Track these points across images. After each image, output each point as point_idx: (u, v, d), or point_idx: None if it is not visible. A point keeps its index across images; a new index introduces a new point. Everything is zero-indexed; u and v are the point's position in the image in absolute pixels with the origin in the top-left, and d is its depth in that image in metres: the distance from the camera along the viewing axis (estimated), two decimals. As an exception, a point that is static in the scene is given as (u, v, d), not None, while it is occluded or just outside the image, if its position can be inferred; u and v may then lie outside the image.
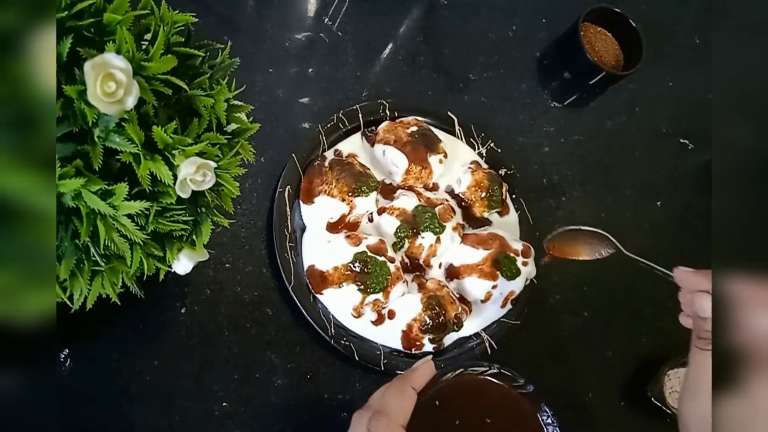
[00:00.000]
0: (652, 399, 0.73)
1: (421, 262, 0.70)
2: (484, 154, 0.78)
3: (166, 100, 0.41)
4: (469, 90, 0.84)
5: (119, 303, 0.45)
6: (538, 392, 0.48)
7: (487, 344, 0.69)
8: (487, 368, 0.48)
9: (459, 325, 0.66)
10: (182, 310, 0.63)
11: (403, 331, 0.65)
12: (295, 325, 0.65)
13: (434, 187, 0.74)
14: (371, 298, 0.64)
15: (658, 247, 0.86)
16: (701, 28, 1.02)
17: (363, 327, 0.66)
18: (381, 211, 0.69)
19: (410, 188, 0.72)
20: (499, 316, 0.71)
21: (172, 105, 0.42)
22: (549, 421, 0.48)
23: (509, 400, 0.47)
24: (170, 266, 0.47)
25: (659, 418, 0.73)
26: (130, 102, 0.36)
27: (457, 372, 0.47)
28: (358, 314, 0.65)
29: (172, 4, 0.42)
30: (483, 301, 0.70)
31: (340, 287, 0.64)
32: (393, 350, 0.66)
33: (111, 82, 0.34)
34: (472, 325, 0.70)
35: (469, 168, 0.75)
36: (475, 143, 0.78)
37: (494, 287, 0.69)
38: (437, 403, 0.45)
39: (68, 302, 0.43)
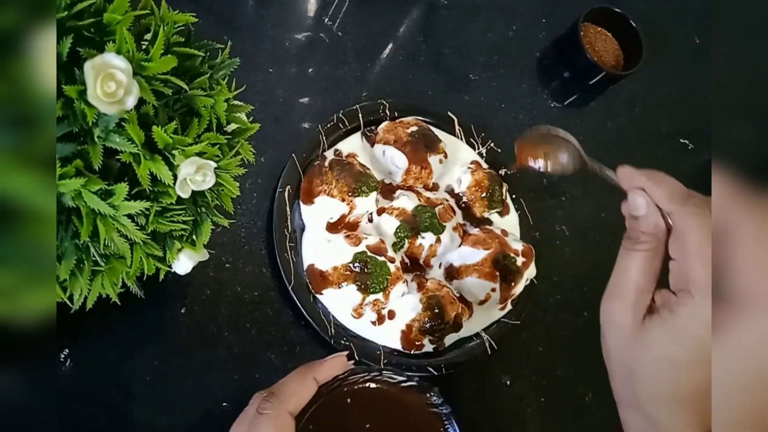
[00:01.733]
0: (652, 399, 0.73)
1: (421, 262, 0.70)
2: (484, 154, 0.78)
3: (166, 100, 0.41)
4: (469, 90, 0.84)
5: (119, 303, 0.45)
6: (451, 414, 0.47)
7: (487, 344, 0.69)
8: (405, 379, 0.47)
9: (458, 326, 0.66)
10: (182, 310, 0.63)
11: (402, 332, 0.65)
12: (295, 325, 0.65)
13: (434, 187, 0.74)
14: (371, 298, 0.64)
15: (658, 247, 0.86)
16: (701, 28, 1.02)
17: (363, 327, 0.66)
18: (381, 211, 0.69)
19: (410, 188, 0.72)
20: (499, 316, 0.72)
21: (172, 105, 0.42)
22: None
23: (418, 415, 0.46)
24: (170, 266, 0.47)
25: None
26: (130, 102, 0.36)
27: (371, 375, 0.46)
28: (359, 315, 0.65)
29: (172, 4, 0.42)
30: (482, 302, 0.70)
31: (339, 287, 0.64)
32: (393, 350, 0.66)
33: (111, 82, 0.34)
34: (472, 326, 0.70)
35: (469, 168, 0.75)
36: (475, 143, 0.78)
37: (493, 289, 0.69)
38: (342, 403, 0.44)
39: (68, 302, 0.43)
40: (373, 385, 0.46)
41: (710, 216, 0.34)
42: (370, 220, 0.69)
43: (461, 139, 0.78)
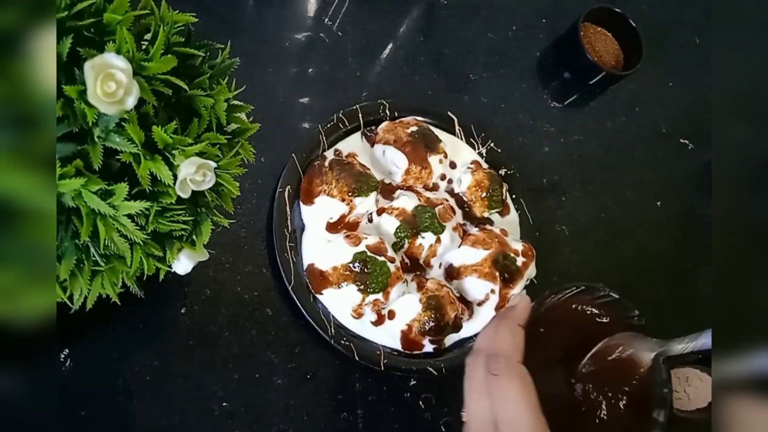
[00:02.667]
0: (652, 399, 0.73)
1: (421, 262, 0.70)
2: (484, 154, 0.78)
3: (166, 100, 0.41)
4: (469, 90, 0.84)
5: (119, 303, 0.45)
6: (621, 300, 0.47)
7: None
8: (573, 289, 0.46)
9: (458, 327, 0.66)
10: (182, 310, 0.63)
11: (402, 332, 0.65)
12: (295, 325, 0.65)
13: (434, 187, 0.74)
14: (371, 298, 0.64)
15: (658, 247, 0.86)
16: (701, 28, 1.02)
17: (363, 327, 0.66)
18: (381, 211, 0.69)
19: (410, 188, 0.72)
20: (499, 316, 0.72)
21: (172, 105, 0.42)
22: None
23: (596, 316, 0.46)
24: (170, 266, 0.47)
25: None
26: (130, 102, 0.36)
27: (549, 300, 0.46)
28: (359, 315, 0.65)
29: (172, 4, 0.42)
30: (480, 303, 0.70)
31: (339, 287, 0.64)
32: (393, 350, 0.66)
33: (111, 82, 0.34)
34: (472, 326, 0.70)
35: (469, 168, 0.75)
36: (475, 143, 0.78)
37: (493, 291, 0.69)
38: (541, 330, 0.44)
39: (68, 302, 0.43)
40: (560, 306, 0.46)
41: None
42: (370, 220, 0.69)
43: (461, 139, 0.78)
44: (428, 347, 0.66)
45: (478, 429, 0.41)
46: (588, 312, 0.47)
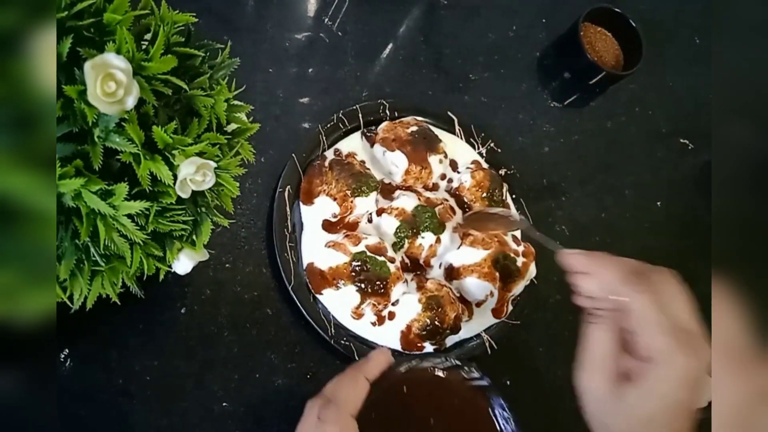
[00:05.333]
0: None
1: (421, 262, 0.70)
2: (484, 154, 0.78)
3: (166, 100, 0.41)
4: (469, 90, 0.84)
5: (119, 303, 0.45)
6: (492, 386, 0.48)
7: (487, 344, 0.69)
8: (443, 361, 0.47)
9: (456, 329, 0.66)
10: (182, 310, 0.63)
11: (402, 332, 0.65)
12: (295, 325, 0.65)
13: (434, 187, 0.74)
14: (371, 298, 0.64)
15: (658, 247, 0.86)
16: (701, 28, 1.02)
17: (363, 327, 0.66)
18: (380, 211, 0.69)
19: (410, 188, 0.72)
20: (500, 317, 0.71)
21: (172, 105, 0.42)
22: (504, 414, 0.47)
23: (462, 394, 0.47)
24: (170, 266, 0.47)
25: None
26: (130, 102, 0.36)
27: (412, 364, 0.46)
28: (358, 316, 0.65)
29: (172, 4, 0.42)
30: (479, 304, 0.70)
31: (338, 288, 0.64)
32: (393, 350, 0.66)
33: (111, 82, 0.34)
34: (472, 326, 0.70)
35: (469, 168, 0.75)
36: (475, 143, 0.78)
37: (492, 293, 0.69)
38: (393, 395, 0.45)
39: (68, 302, 0.43)
40: (415, 373, 0.47)
41: (657, 292, 0.41)
42: (370, 221, 0.69)
43: (461, 139, 0.78)
44: (428, 348, 0.66)
45: None
46: (458, 387, 0.47)
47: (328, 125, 0.71)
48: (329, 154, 0.71)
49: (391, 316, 0.66)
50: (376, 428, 0.42)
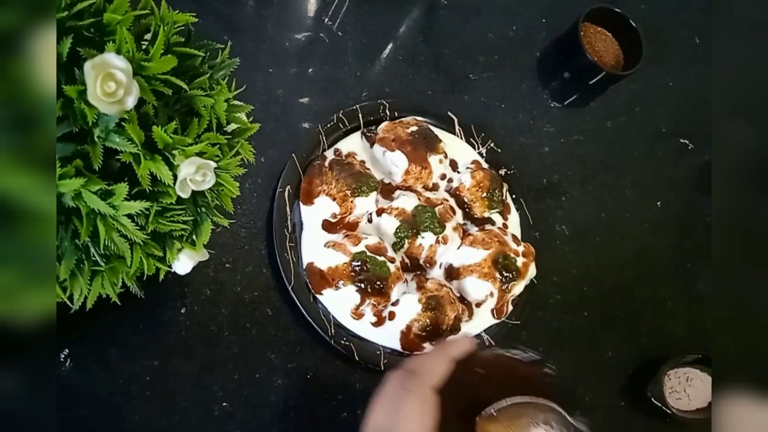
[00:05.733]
0: (652, 399, 0.73)
1: (421, 262, 0.70)
2: (484, 154, 0.78)
3: (166, 100, 0.41)
4: (469, 90, 0.84)
5: (119, 303, 0.45)
6: (564, 388, 0.48)
7: (487, 344, 0.69)
8: (523, 352, 0.47)
9: (456, 329, 0.66)
10: (182, 310, 0.63)
11: (402, 332, 0.65)
12: (295, 325, 0.65)
13: (434, 187, 0.74)
14: (371, 298, 0.64)
15: (658, 247, 0.86)
16: (701, 28, 1.02)
17: (363, 327, 0.66)
18: (380, 211, 0.69)
19: (410, 188, 0.72)
20: (500, 318, 0.71)
21: (172, 105, 0.42)
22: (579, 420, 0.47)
23: (540, 388, 0.47)
24: (170, 266, 0.47)
25: (659, 418, 0.73)
26: (130, 102, 0.36)
27: (495, 351, 0.47)
28: (359, 316, 0.65)
29: (172, 4, 0.42)
30: (479, 304, 0.70)
31: (338, 288, 0.64)
32: (393, 350, 0.66)
33: (111, 82, 0.34)
34: (472, 326, 0.70)
35: (469, 168, 0.75)
36: (475, 143, 0.78)
37: (492, 294, 0.69)
38: (473, 376, 0.45)
39: (68, 302, 0.43)
40: (498, 357, 0.47)
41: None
42: (370, 221, 0.69)
43: (461, 139, 0.78)
44: (428, 348, 0.66)
45: None
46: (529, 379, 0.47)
47: (328, 125, 0.71)
48: (329, 154, 0.71)
49: (391, 316, 0.66)
50: (454, 404, 0.42)
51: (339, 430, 0.64)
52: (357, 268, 0.63)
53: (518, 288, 0.71)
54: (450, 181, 0.75)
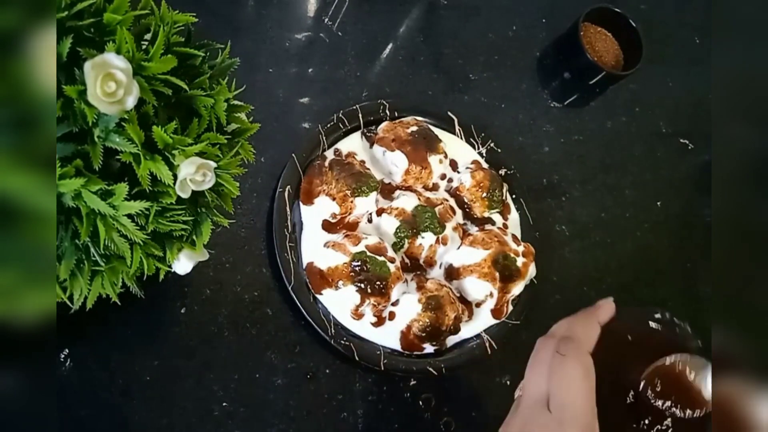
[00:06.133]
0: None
1: (421, 262, 0.70)
2: (484, 154, 0.78)
3: (166, 100, 0.41)
4: (469, 90, 0.84)
5: (119, 303, 0.45)
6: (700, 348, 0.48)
7: (487, 344, 0.69)
8: (662, 316, 0.47)
9: (456, 329, 0.66)
10: (182, 310, 0.63)
11: (402, 332, 0.65)
12: (295, 325, 0.65)
13: (434, 187, 0.74)
14: (371, 298, 0.64)
15: (658, 247, 0.86)
16: (701, 28, 1.02)
17: (363, 327, 0.66)
18: (380, 211, 0.69)
19: (410, 188, 0.72)
20: (500, 318, 0.71)
21: (172, 105, 0.42)
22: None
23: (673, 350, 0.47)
24: (170, 266, 0.47)
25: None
26: (130, 102, 0.36)
27: (635, 313, 0.47)
28: (359, 317, 0.65)
29: (172, 4, 0.42)
30: (479, 304, 0.70)
31: (338, 288, 0.64)
32: (393, 350, 0.66)
33: (111, 82, 0.34)
34: (472, 326, 0.70)
35: (469, 168, 0.75)
36: (475, 143, 0.78)
37: (491, 294, 0.69)
38: (619, 341, 0.45)
39: (68, 302, 0.43)
40: (653, 325, 0.47)
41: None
42: (370, 221, 0.69)
43: (461, 139, 0.78)
44: (429, 348, 0.66)
45: (529, 405, 0.41)
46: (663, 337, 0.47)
47: (328, 125, 0.71)
48: (329, 154, 0.71)
49: (391, 316, 0.66)
50: (605, 369, 0.42)
51: (339, 430, 0.64)
52: (357, 268, 0.63)
53: (518, 288, 0.71)
54: (450, 181, 0.75)
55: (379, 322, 0.66)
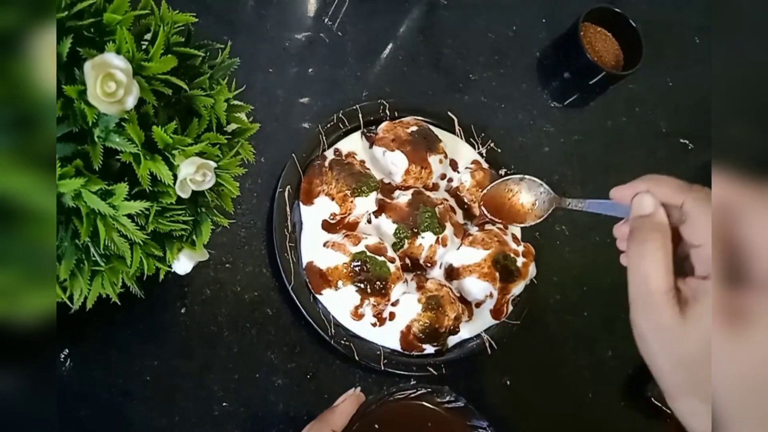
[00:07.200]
0: (652, 399, 0.73)
1: (421, 262, 0.70)
2: (484, 154, 0.78)
3: (166, 100, 0.41)
4: (469, 90, 0.84)
5: (119, 303, 0.45)
6: (467, 407, 0.49)
7: (487, 344, 0.69)
8: (414, 390, 0.48)
9: (456, 329, 0.66)
10: (182, 310, 0.63)
11: (402, 332, 0.65)
12: (295, 325, 0.65)
13: (434, 187, 0.74)
14: (371, 298, 0.64)
15: (658, 247, 0.86)
16: (701, 28, 1.02)
17: (363, 327, 0.66)
18: (381, 210, 0.69)
19: (409, 188, 0.72)
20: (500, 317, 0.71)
21: (172, 105, 0.42)
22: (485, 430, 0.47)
23: (438, 419, 0.47)
24: (170, 266, 0.47)
25: (659, 419, 0.73)
26: (130, 102, 0.36)
27: (383, 396, 0.47)
28: (359, 317, 0.65)
29: (172, 4, 0.42)
30: (479, 304, 0.70)
31: (338, 288, 0.64)
32: (393, 350, 0.66)
33: (111, 82, 0.34)
34: (472, 326, 0.70)
35: (469, 168, 0.75)
36: (475, 143, 0.78)
37: (491, 294, 0.69)
38: (376, 426, 0.45)
39: (68, 302, 0.43)
40: (389, 406, 0.47)
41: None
42: (370, 221, 0.69)
43: (461, 139, 0.78)
44: (429, 349, 0.66)
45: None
46: (432, 413, 0.48)
47: (328, 125, 0.71)
48: (329, 154, 0.71)
49: (391, 316, 0.66)
50: None
51: (339, 430, 0.64)
52: (357, 268, 0.63)
53: (518, 288, 0.71)
54: (450, 181, 0.75)
55: (379, 322, 0.66)
